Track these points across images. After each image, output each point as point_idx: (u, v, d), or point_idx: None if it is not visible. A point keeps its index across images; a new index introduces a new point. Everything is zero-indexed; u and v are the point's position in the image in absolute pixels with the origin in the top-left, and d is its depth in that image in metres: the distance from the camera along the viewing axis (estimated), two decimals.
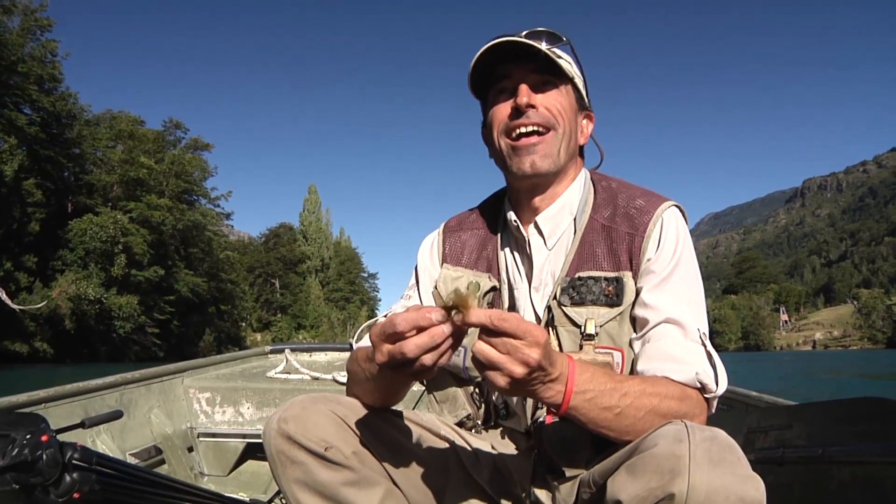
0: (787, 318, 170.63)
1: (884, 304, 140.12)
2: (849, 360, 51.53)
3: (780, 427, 2.01)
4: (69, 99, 51.64)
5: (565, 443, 1.33)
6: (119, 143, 59.27)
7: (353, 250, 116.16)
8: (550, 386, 1.07)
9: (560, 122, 1.45)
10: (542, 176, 1.46)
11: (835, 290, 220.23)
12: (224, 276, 75.96)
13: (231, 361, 4.02)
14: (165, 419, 3.14)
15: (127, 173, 56.57)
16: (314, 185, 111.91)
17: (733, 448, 0.98)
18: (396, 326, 1.03)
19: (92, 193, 55.06)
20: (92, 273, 49.43)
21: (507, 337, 0.99)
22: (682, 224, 1.44)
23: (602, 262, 1.42)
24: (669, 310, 1.32)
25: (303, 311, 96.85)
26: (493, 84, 1.50)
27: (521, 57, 1.42)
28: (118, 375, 2.89)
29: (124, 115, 62.25)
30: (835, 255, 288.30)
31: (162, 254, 58.44)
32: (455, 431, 1.54)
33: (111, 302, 49.90)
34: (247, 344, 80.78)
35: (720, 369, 1.26)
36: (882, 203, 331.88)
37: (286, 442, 1.25)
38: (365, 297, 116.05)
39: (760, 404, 2.52)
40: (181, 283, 61.37)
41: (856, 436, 1.63)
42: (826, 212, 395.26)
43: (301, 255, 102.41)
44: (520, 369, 1.00)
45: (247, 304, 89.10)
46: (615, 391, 1.13)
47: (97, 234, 49.26)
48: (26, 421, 1.31)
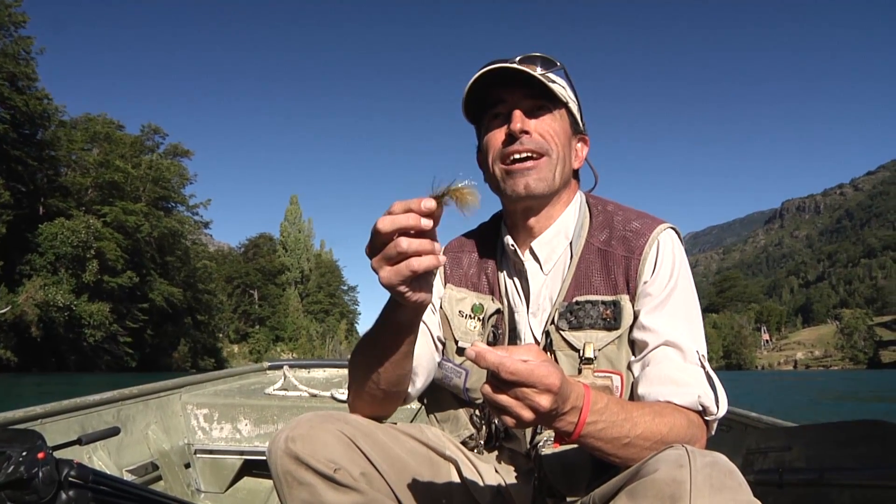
0: (768, 338, 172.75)
1: (866, 324, 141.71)
2: (837, 381, 51.11)
3: (780, 449, 2.01)
4: (43, 99, 50.52)
5: (565, 467, 1.36)
6: (95, 146, 58.30)
7: (333, 262, 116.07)
8: (562, 418, 1.06)
9: (554, 148, 1.45)
10: (536, 198, 1.47)
11: (813, 310, 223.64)
12: (201, 285, 75.40)
13: (229, 377, 4.02)
14: (163, 435, 3.13)
15: (102, 176, 55.61)
16: (295, 196, 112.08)
17: (734, 473, 0.98)
18: (378, 223, 1.05)
19: (66, 197, 53.96)
20: (62, 278, 47.97)
21: (518, 383, 0.98)
22: (678, 246, 1.46)
23: (599, 285, 1.44)
24: (668, 332, 1.33)
25: (281, 323, 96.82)
26: (487, 109, 1.50)
27: (515, 82, 1.43)
28: (115, 391, 2.85)
29: (101, 117, 61.31)
30: (812, 276, 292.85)
31: (137, 261, 57.43)
32: (459, 450, 1.54)
33: (81, 309, 48.36)
34: (223, 356, 79.85)
35: (720, 391, 1.29)
36: (858, 225, 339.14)
37: (293, 462, 1.23)
38: (345, 309, 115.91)
39: (759, 425, 2.51)
40: (156, 291, 60.42)
41: (855, 458, 1.65)
42: (804, 233, 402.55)
43: (281, 266, 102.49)
44: (528, 414, 0.99)
45: (224, 314, 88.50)
46: (626, 422, 1.14)
47: (68, 239, 48.15)
48: (22, 438, 1.30)
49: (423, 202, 1.03)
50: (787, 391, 35.54)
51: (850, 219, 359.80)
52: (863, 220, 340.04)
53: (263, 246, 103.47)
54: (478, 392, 1.42)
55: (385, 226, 1.03)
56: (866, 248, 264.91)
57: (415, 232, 1.04)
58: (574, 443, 1.12)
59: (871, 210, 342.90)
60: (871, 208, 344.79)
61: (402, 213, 1.04)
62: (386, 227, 1.03)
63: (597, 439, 1.11)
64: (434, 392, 1.62)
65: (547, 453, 1.38)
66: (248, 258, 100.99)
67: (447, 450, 1.50)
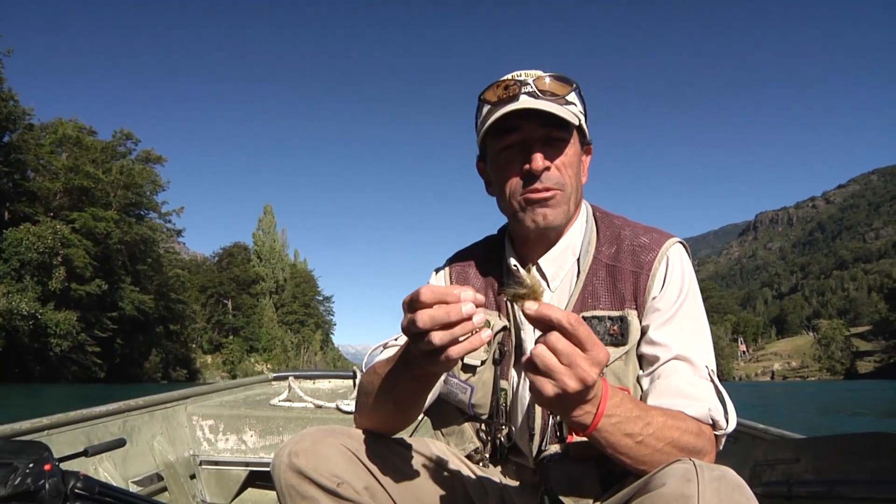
0: (745, 349, 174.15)
1: (843, 335, 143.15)
2: (826, 392, 51.02)
3: (788, 461, 2.01)
4: (9, 101, 49.38)
5: (571, 480, 1.35)
6: (64, 150, 56.98)
7: (308, 272, 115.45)
8: (583, 407, 1.06)
9: (569, 181, 1.45)
10: (553, 229, 1.47)
11: (787, 321, 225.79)
12: (174, 294, 74.19)
13: (234, 388, 4.10)
14: (168, 446, 3.14)
15: (71, 181, 54.48)
16: (270, 205, 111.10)
17: (742, 488, 0.98)
18: (420, 294, 1.02)
19: (33, 202, 52.81)
20: (27, 286, 46.92)
21: (575, 343, 0.98)
22: (686, 261, 1.47)
23: (606, 301, 1.44)
24: (678, 347, 1.34)
25: (255, 333, 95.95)
26: (494, 126, 1.45)
27: (530, 112, 1.40)
28: (121, 402, 2.86)
29: (72, 121, 60.02)
30: (786, 287, 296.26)
31: (107, 268, 56.29)
32: (463, 464, 1.54)
33: (47, 318, 47.39)
34: (196, 367, 78.33)
35: (730, 407, 1.29)
36: (830, 238, 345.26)
37: (297, 476, 1.25)
38: (320, 320, 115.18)
39: (767, 437, 2.52)
40: (126, 300, 59.27)
41: (865, 472, 1.65)
42: (777, 245, 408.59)
43: (255, 275, 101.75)
44: (575, 384, 0.98)
45: (197, 325, 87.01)
46: (640, 419, 1.13)
47: (34, 245, 47.12)
48: (29, 449, 1.32)
49: (466, 304, 1.00)
50: (770, 403, 35.19)
51: (823, 231, 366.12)
52: (834, 233, 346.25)
53: (237, 255, 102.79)
54: (483, 407, 1.49)
55: (425, 324, 1.00)
56: (838, 260, 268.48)
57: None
58: (588, 437, 1.11)
59: (842, 223, 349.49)
60: (843, 221, 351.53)
61: (437, 303, 1.00)
62: (426, 325, 1.00)
63: (611, 434, 1.10)
64: (439, 406, 1.58)
65: (553, 467, 1.36)
66: (222, 267, 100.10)
67: (452, 463, 1.49)
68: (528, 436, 1.46)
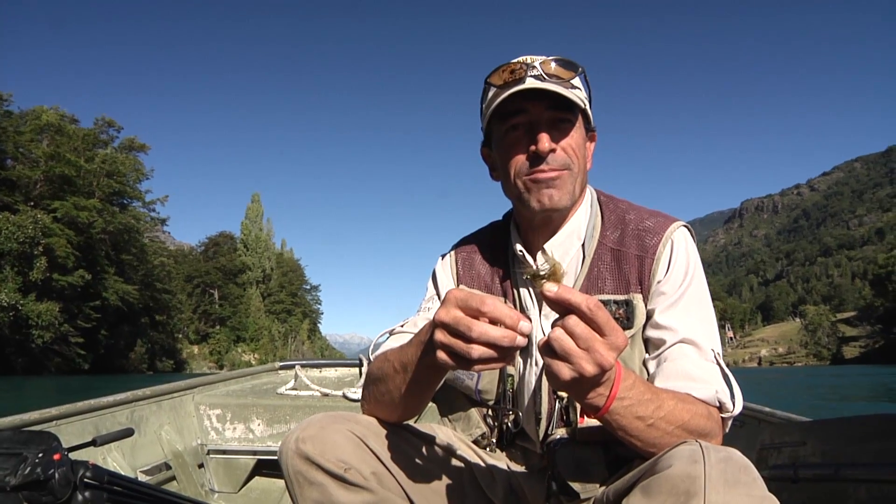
0: (732, 335, 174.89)
1: (829, 321, 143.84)
2: (816, 377, 50.98)
3: (794, 444, 2.03)
4: None
5: (579, 464, 1.36)
6: (44, 138, 55.86)
7: (295, 262, 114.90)
8: (597, 389, 1.06)
9: (575, 161, 1.45)
10: (558, 211, 1.46)
11: (773, 307, 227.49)
12: (159, 284, 73.56)
13: (241, 377, 4.17)
14: (176, 436, 3.17)
15: (52, 170, 53.53)
16: (257, 194, 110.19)
17: (749, 469, 0.99)
18: (484, 302, 1.00)
19: (12, 190, 51.84)
20: (7, 276, 46.16)
21: (594, 328, 0.97)
22: (691, 244, 1.47)
23: (611, 285, 1.44)
24: (684, 330, 1.34)
25: (242, 323, 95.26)
26: (500, 109, 1.45)
27: (537, 93, 1.40)
28: (129, 392, 2.91)
29: (53, 109, 58.80)
30: (771, 274, 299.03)
31: (90, 258, 55.44)
32: (470, 449, 1.55)
33: (28, 309, 46.82)
34: (182, 357, 77.44)
35: (736, 389, 1.29)
36: (815, 225, 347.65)
37: (304, 462, 1.25)
38: (307, 309, 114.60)
39: (773, 420, 2.53)
40: (110, 290, 58.44)
41: (871, 454, 1.67)
42: (763, 232, 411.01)
43: (241, 265, 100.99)
44: (592, 369, 0.97)
45: (184, 315, 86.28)
46: (651, 402, 1.14)
47: (14, 234, 46.31)
48: (38, 439, 1.33)
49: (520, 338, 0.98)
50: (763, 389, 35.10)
51: (807, 218, 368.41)
52: (819, 220, 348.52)
53: (224, 244, 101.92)
54: (490, 393, 1.52)
55: (477, 335, 0.98)
56: (823, 247, 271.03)
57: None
58: (600, 419, 1.12)
59: (826, 210, 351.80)
60: (827, 208, 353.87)
61: (494, 318, 0.99)
62: (476, 335, 0.98)
63: (622, 416, 1.11)
64: (445, 392, 1.60)
65: (560, 451, 1.37)
66: (209, 257, 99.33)
67: (459, 449, 1.51)
68: (534, 420, 1.47)
